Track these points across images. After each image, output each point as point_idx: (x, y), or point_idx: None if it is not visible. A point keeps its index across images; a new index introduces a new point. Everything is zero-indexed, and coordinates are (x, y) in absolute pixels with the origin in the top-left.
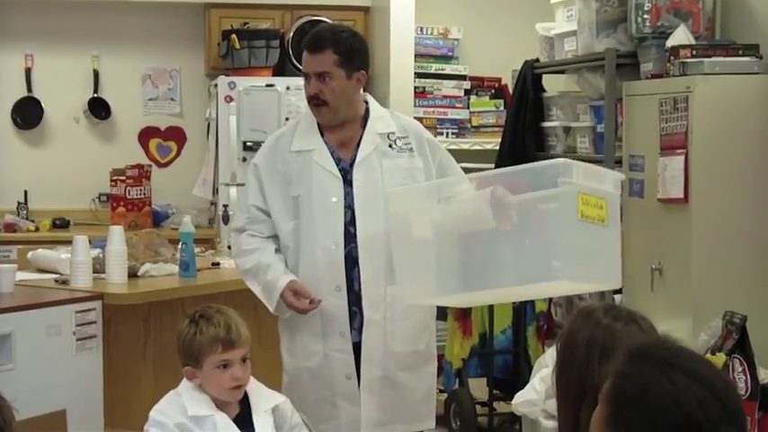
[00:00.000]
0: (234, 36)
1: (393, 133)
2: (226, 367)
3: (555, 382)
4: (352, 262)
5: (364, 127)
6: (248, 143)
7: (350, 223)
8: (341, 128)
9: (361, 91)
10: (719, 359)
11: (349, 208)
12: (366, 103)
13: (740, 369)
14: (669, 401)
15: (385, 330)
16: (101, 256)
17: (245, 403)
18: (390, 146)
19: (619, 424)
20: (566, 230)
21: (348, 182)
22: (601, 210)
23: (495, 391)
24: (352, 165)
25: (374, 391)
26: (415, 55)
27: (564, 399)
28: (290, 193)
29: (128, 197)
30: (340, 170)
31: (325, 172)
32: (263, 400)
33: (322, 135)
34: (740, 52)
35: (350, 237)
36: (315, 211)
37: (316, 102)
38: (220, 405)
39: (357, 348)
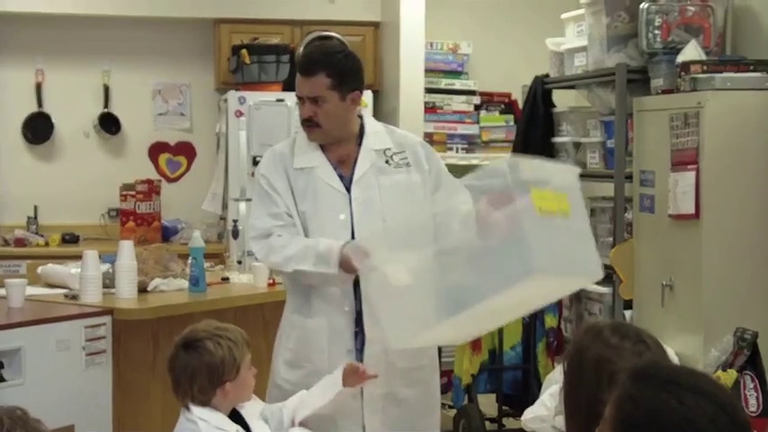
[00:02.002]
0: (244, 51)
1: (389, 149)
2: (250, 369)
3: (564, 404)
4: (355, 281)
5: (360, 144)
6: (258, 158)
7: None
8: (337, 145)
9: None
10: (730, 376)
11: (351, 226)
12: (360, 118)
13: (751, 386)
14: (681, 421)
15: (386, 348)
16: (110, 271)
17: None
18: (387, 162)
19: None
20: (528, 223)
21: (350, 199)
22: (561, 203)
23: (504, 407)
24: (351, 182)
25: (377, 408)
26: (425, 70)
27: (573, 421)
28: (298, 209)
29: (137, 212)
30: (343, 187)
31: (331, 189)
32: (250, 408)
33: (322, 151)
34: (751, 68)
35: None
36: (322, 227)
37: (309, 124)
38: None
39: None
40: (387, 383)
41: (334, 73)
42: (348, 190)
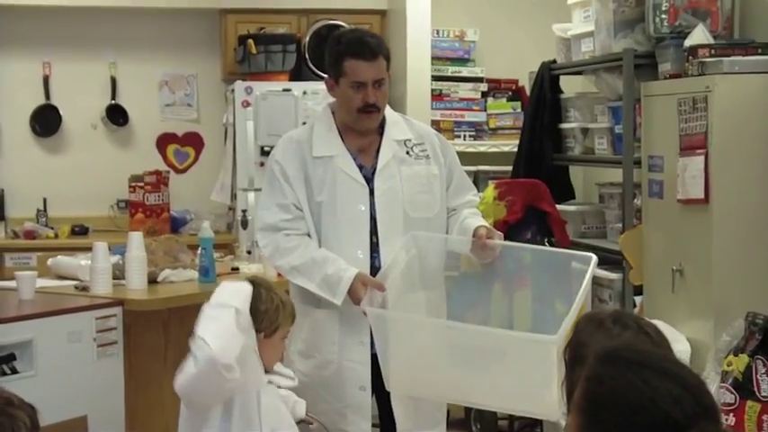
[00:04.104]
0: (250, 41)
1: (409, 140)
2: (284, 339)
3: (566, 395)
4: (374, 272)
5: (381, 134)
6: (266, 148)
7: (372, 232)
8: (359, 134)
9: None
10: (742, 360)
11: (371, 217)
12: None
13: (763, 370)
14: (645, 401)
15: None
16: (120, 262)
17: None
18: (408, 152)
19: (595, 430)
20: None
21: (370, 190)
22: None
23: None
24: (373, 173)
25: (402, 399)
26: (432, 58)
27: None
28: (313, 198)
29: (146, 203)
30: (363, 177)
31: (350, 179)
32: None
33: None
34: (759, 51)
35: (372, 246)
36: (340, 218)
37: (371, 109)
38: None
39: (376, 359)
40: None
41: (387, 56)
42: (368, 180)
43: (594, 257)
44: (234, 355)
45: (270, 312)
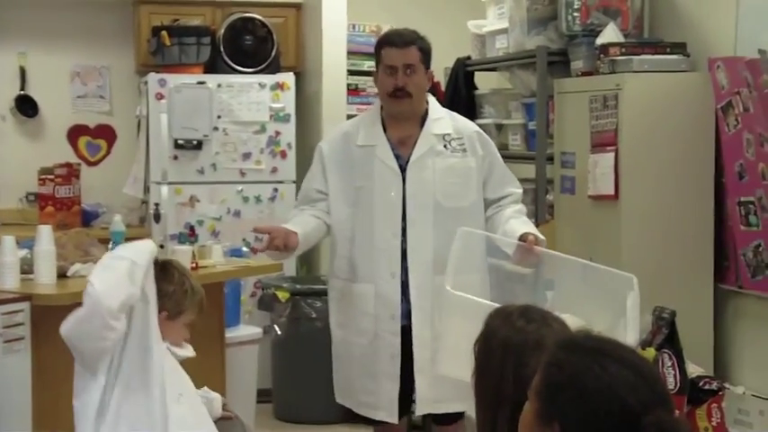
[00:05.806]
0: (164, 32)
1: (449, 134)
2: (186, 326)
3: (473, 387)
4: (402, 255)
5: (422, 127)
6: (179, 141)
7: (402, 217)
8: (402, 125)
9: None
10: (649, 354)
11: (402, 203)
12: (427, 102)
13: (669, 364)
14: (602, 387)
15: (433, 316)
16: (29, 256)
17: None
18: (445, 146)
19: (552, 415)
20: None
21: (403, 179)
22: None
23: None
24: (408, 163)
25: (425, 370)
26: (348, 52)
27: (481, 404)
28: (352, 183)
29: (56, 196)
30: (399, 166)
31: (386, 167)
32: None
33: (384, 131)
34: (668, 50)
35: (402, 230)
36: (375, 202)
37: (400, 93)
38: None
39: (402, 332)
40: (433, 347)
41: (422, 48)
42: (402, 170)
43: (635, 279)
44: (119, 302)
45: (177, 294)
